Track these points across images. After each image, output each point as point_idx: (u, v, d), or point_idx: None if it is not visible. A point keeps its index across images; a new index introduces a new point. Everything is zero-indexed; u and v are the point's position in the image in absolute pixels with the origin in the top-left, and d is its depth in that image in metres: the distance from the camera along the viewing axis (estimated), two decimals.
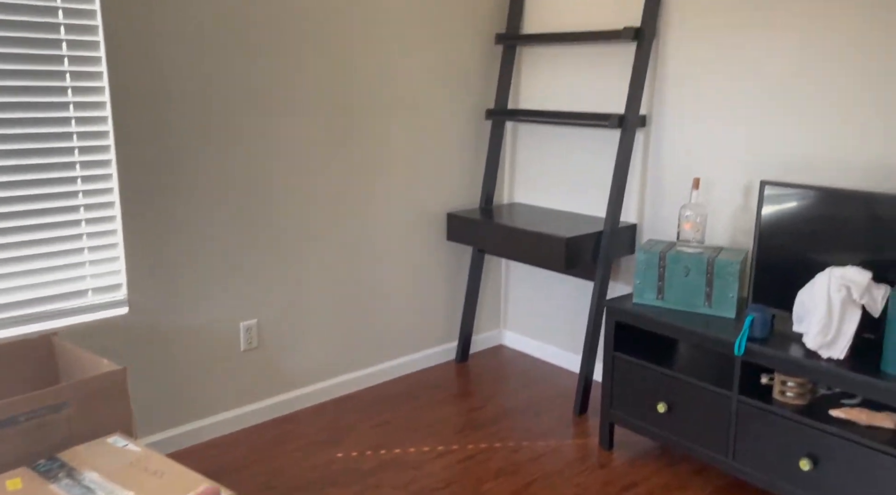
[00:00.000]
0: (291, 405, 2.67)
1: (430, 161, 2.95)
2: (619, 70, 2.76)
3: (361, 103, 2.68)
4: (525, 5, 3.06)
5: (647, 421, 2.31)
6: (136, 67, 2.11)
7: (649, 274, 2.33)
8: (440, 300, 3.12)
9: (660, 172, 2.68)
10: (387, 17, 2.69)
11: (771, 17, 2.30)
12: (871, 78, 2.10)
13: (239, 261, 2.44)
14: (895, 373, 1.78)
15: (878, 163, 2.11)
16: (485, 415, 2.68)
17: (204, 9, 2.22)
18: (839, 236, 2.03)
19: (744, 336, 2.01)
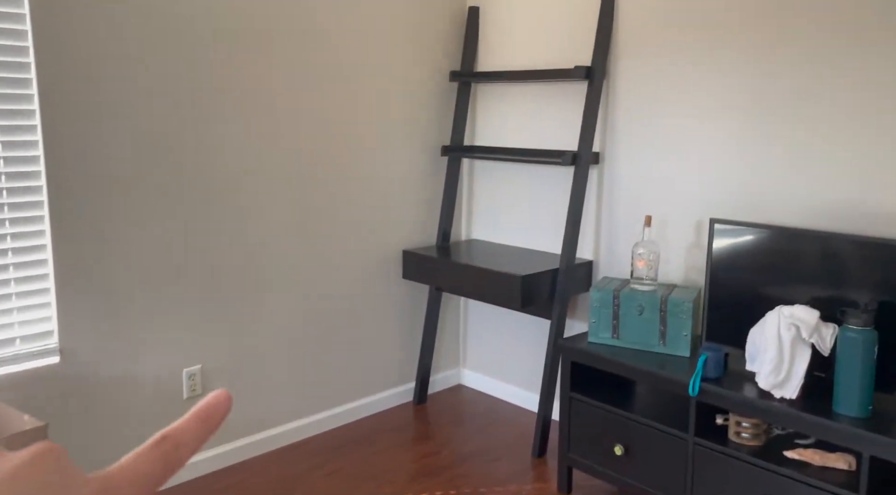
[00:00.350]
0: (239, 454, 2.55)
1: (386, 198, 2.91)
2: (573, 107, 2.77)
3: (314, 139, 2.63)
4: (479, 43, 3.08)
5: (604, 465, 2.25)
6: (72, 117, 2.05)
7: (604, 312, 2.30)
8: (397, 340, 3.04)
9: (614, 209, 2.68)
10: (341, 53, 2.67)
11: (720, 59, 2.33)
12: (817, 120, 2.13)
13: (181, 304, 2.35)
14: (847, 414, 1.77)
15: (825, 201, 2.13)
16: (442, 460, 2.60)
17: (142, 45, 2.17)
18: (788, 274, 2.03)
19: (697, 376, 1.98)
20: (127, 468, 0.29)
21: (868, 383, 1.75)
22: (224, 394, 0.33)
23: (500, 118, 3.04)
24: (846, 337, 1.76)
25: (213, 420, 0.32)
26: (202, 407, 0.32)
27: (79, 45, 2.03)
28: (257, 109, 2.46)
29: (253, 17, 2.40)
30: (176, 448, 0.30)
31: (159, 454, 0.30)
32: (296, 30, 2.52)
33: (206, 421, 0.32)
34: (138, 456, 0.30)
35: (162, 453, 0.30)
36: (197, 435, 0.31)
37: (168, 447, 0.30)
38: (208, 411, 0.32)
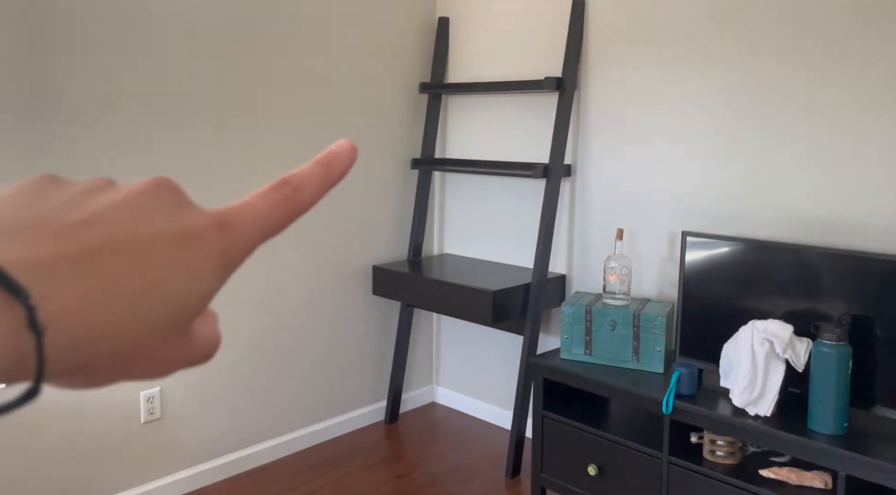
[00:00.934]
0: (201, 480, 2.45)
1: (355, 212, 2.84)
2: (545, 119, 2.74)
3: (280, 153, 2.56)
4: (449, 54, 3.04)
5: (578, 485, 2.19)
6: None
7: (576, 328, 2.25)
8: (367, 357, 2.96)
9: (587, 222, 2.64)
10: (307, 64, 2.61)
11: (692, 69, 2.31)
12: (792, 132, 2.11)
13: None
14: (822, 431, 1.73)
15: (800, 214, 2.10)
16: (413, 483, 2.52)
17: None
18: (762, 287, 1.99)
19: (671, 393, 1.93)
20: (246, 207, 0.27)
21: (843, 399, 1.71)
22: (348, 143, 0.31)
23: (472, 130, 2.99)
24: (820, 352, 1.72)
25: (336, 167, 0.30)
26: (324, 153, 0.31)
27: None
28: (217, 121, 2.38)
29: (217, 29, 2.33)
30: (297, 190, 0.29)
31: (280, 196, 0.28)
32: (261, 41, 2.46)
33: (328, 167, 0.30)
34: (257, 196, 0.28)
35: (283, 195, 0.28)
36: (319, 179, 0.30)
37: (288, 190, 0.28)
38: (330, 157, 0.30)
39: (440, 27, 3.01)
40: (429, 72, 3.05)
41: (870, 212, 1.96)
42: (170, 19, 2.22)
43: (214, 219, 0.26)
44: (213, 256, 0.25)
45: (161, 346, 0.24)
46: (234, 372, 2.52)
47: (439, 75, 3.01)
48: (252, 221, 0.27)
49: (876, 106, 1.94)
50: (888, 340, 1.76)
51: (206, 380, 2.44)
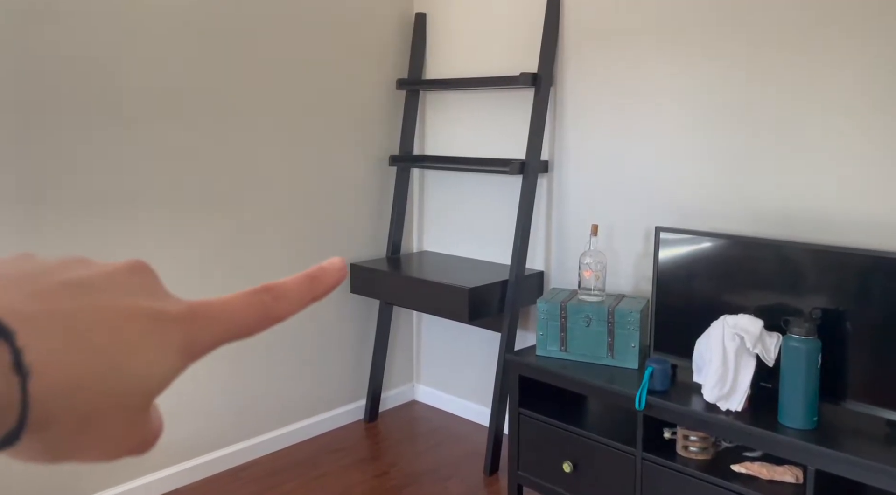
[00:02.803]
0: (178, 480, 2.43)
1: (333, 210, 2.82)
2: (522, 115, 2.72)
3: (255, 151, 2.54)
4: (427, 50, 3.02)
5: (554, 482, 2.18)
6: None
7: (551, 324, 2.24)
8: (346, 356, 2.95)
9: (563, 218, 2.63)
10: (283, 61, 2.58)
11: (668, 65, 2.30)
12: (767, 127, 2.10)
13: None
14: (792, 426, 1.72)
15: (774, 209, 2.10)
16: (391, 482, 2.50)
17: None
18: (735, 282, 1.99)
19: (643, 389, 1.93)
20: (220, 305, 0.27)
21: (812, 394, 1.70)
22: (340, 261, 0.31)
23: (450, 127, 2.97)
24: (789, 346, 1.72)
25: (323, 283, 0.31)
26: (315, 267, 0.31)
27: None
28: (194, 121, 2.35)
29: (190, 27, 2.30)
30: (276, 299, 0.29)
31: (257, 301, 0.28)
32: (234, 39, 2.43)
33: (313, 281, 0.30)
34: (235, 297, 0.28)
35: (261, 301, 0.28)
36: (301, 293, 0.30)
37: (268, 297, 0.29)
38: (320, 272, 0.31)
39: (417, 23, 2.99)
40: (406, 68, 3.03)
41: (841, 207, 1.96)
42: (143, 17, 2.19)
43: (187, 308, 0.26)
44: (177, 343, 0.25)
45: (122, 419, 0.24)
46: (210, 372, 2.49)
47: (417, 71, 2.99)
48: (223, 320, 0.27)
49: (851, 102, 1.93)
50: (858, 335, 1.76)
51: (182, 380, 2.41)
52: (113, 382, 0.23)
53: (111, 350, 0.23)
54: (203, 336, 0.26)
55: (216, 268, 2.47)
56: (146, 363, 0.24)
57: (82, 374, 0.22)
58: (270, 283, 0.29)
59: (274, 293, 0.29)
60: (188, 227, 2.38)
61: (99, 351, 0.23)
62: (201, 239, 2.42)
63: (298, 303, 0.30)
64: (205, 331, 0.26)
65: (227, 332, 0.27)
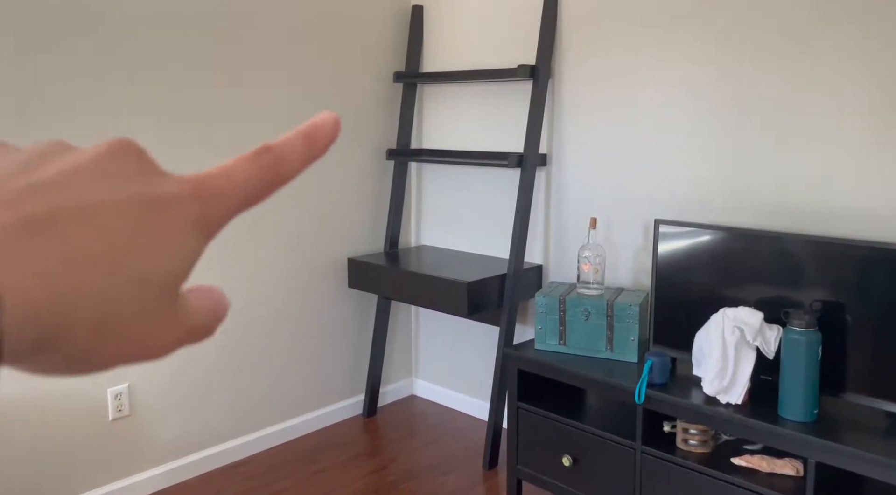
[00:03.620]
0: (173, 477, 2.41)
1: (330, 204, 2.80)
2: (520, 108, 2.71)
3: (251, 144, 2.52)
4: (424, 43, 3.00)
5: (553, 476, 2.17)
6: None
7: (550, 318, 2.23)
8: (344, 351, 2.93)
9: (563, 212, 2.61)
10: (279, 54, 2.56)
11: (667, 57, 2.28)
12: (763, 119, 2.09)
13: None
14: (792, 419, 1.71)
15: (771, 201, 2.08)
16: (390, 477, 2.49)
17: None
18: (735, 275, 1.97)
19: (643, 383, 1.92)
20: (223, 173, 0.25)
21: (813, 386, 1.69)
22: (332, 115, 0.29)
23: (447, 120, 2.96)
24: (789, 339, 1.71)
25: (320, 139, 0.28)
26: (307, 124, 0.28)
27: None
28: (188, 113, 2.33)
29: (186, 22, 2.28)
30: (279, 161, 0.27)
31: (261, 164, 0.26)
32: (231, 33, 2.41)
33: (311, 138, 0.28)
34: (237, 162, 0.26)
35: (263, 163, 0.26)
36: (302, 151, 0.28)
37: (270, 158, 0.27)
38: (314, 129, 0.28)
39: (414, 15, 2.97)
40: (403, 61, 3.01)
41: (840, 198, 1.95)
42: (139, 14, 2.17)
43: (189, 185, 0.24)
44: (189, 222, 0.24)
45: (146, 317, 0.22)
46: (207, 367, 2.48)
47: (414, 64, 2.97)
48: (230, 188, 0.25)
49: (850, 94, 1.92)
50: (859, 327, 1.75)
51: (177, 376, 2.41)
52: (117, 285, 0.21)
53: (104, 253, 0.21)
54: (214, 210, 0.25)
55: (211, 262, 2.45)
56: (153, 255, 0.22)
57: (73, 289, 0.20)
58: (269, 143, 0.27)
59: (276, 153, 0.27)
60: None
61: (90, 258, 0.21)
62: None
63: (301, 162, 0.28)
64: (214, 204, 0.25)
65: (237, 201, 0.26)
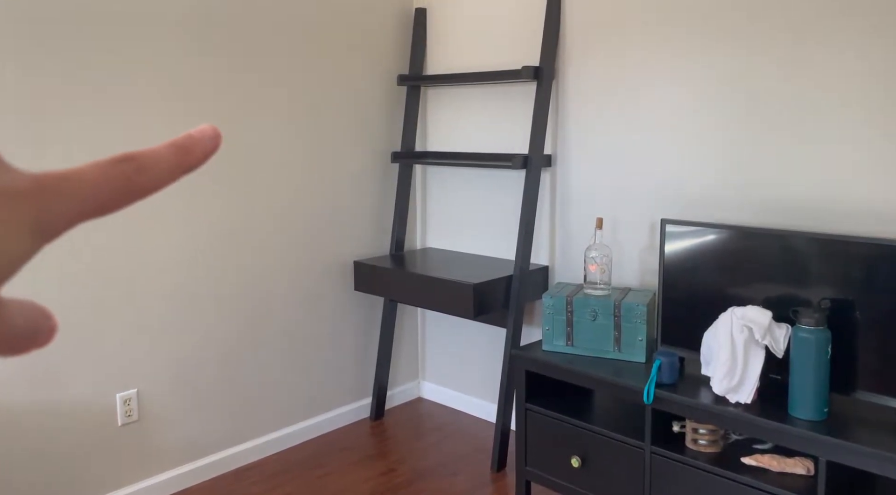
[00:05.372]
0: (181, 482, 2.42)
1: (335, 207, 2.80)
2: (524, 109, 2.71)
3: (257, 148, 2.52)
4: (428, 46, 3.00)
5: (562, 478, 2.17)
6: None
7: (557, 319, 2.23)
8: (351, 354, 2.93)
9: (568, 212, 2.61)
10: (283, 58, 2.56)
11: (671, 56, 2.28)
12: (769, 118, 2.08)
13: (111, 323, 2.21)
14: (802, 417, 1.71)
15: (777, 199, 2.08)
16: (397, 479, 2.49)
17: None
18: (742, 274, 1.97)
19: (651, 383, 1.91)
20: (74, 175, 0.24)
21: (823, 385, 1.69)
22: (212, 128, 0.28)
23: (452, 122, 2.96)
24: (799, 337, 1.70)
25: (193, 153, 0.27)
26: (182, 136, 0.27)
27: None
28: (193, 116, 2.34)
29: (190, 19, 2.29)
30: (139, 171, 0.25)
31: (118, 172, 0.25)
32: (233, 33, 2.42)
33: (183, 152, 0.27)
34: (93, 166, 0.25)
35: (121, 172, 0.25)
36: (169, 164, 0.26)
37: (130, 167, 0.25)
38: (189, 140, 0.27)
39: (417, 18, 2.97)
40: (407, 63, 3.02)
41: (848, 195, 1.94)
42: (145, 16, 2.18)
43: (32, 181, 0.23)
44: (24, 221, 0.23)
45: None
46: (214, 372, 2.48)
47: (417, 67, 2.97)
48: (78, 194, 0.24)
49: (857, 91, 1.91)
50: (868, 324, 1.74)
51: (185, 380, 2.41)
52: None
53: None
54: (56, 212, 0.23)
55: (217, 267, 2.46)
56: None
57: None
58: (132, 152, 0.26)
59: (137, 163, 0.25)
60: (187, 226, 2.37)
61: None
62: (201, 237, 2.40)
63: (167, 175, 0.26)
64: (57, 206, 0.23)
65: (84, 208, 0.24)
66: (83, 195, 0.24)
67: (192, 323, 2.40)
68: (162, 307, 2.32)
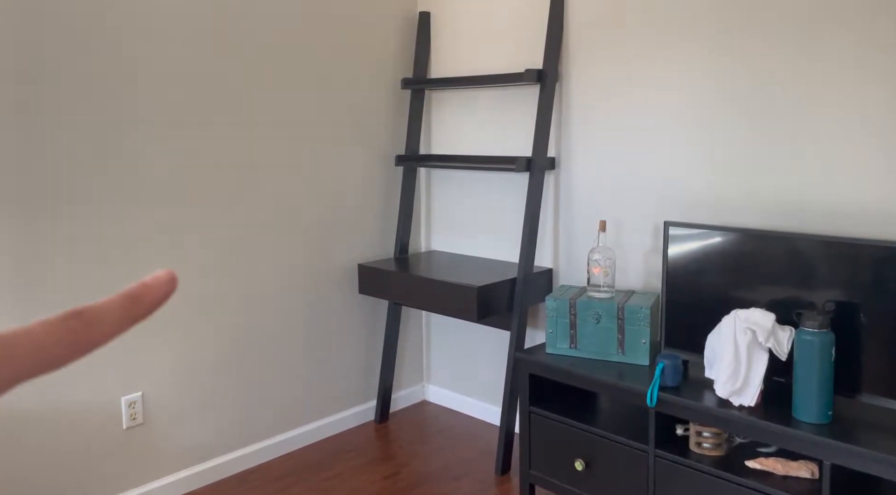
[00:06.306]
0: (186, 485, 2.42)
1: (339, 211, 2.81)
2: (528, 112, 2.71)
3: (261, 151, 2.54)
4: (432, 49, 3.01)
5: (566, 481, 2.16)
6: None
7: (561, 322, 2.23)
8: (355, 357, 2.94)
9: (572, 215, 2.61)
10: (287, 62, 2.58)
11: (675, 58, 2.28)
12: (773, 120, 2.08)
13: None
14: (806, 420, 1.70)
15: (781, 202, 2.07)
16: (402, 483, 2.49)
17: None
18: (746, 276, 1.96)
19: (655, 386, 1.91)
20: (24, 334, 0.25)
21: (827, 387, 1.68)
22: (167, 274, 0.28)
23: (455, 125, 2.96)
24: (802, 340, 1.69)
25: (145, 302, 0.28)
26: (136, 284, 0.28)
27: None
28: (197, 121, 2.36)
29: (195, 28, 2.31)
30: (88, 326, 0.26)
31: (66, 330, 0.26)
32: (237, 38, 2.43)
33: (134, 301, 0.28)
34: (43, 325, 0.25)
35: (69, 330, 0.26)
36: (120, 315, 0.27)
37: (78, 324, 0.26)
38: (141, 290, 0.28)
39: (421, 21, 2.98)
40: (411, 67, 3.03)
41: (852, 198, 1.93)
42: (148, 19, 2.20)
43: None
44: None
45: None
46: (219, 376, 2.49)
47: (421, 70, 2.98)
48: (24, 354, 0.24)
49: (861, 93, 1.91)
50: (872, 327, 1.73)
51: (190, 384, 2.42)
52: None
53: None
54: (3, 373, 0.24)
55: (222, 271, 2.47)
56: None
57: None
58: (81, 307, 0.27)
59: (85, 318, 0.26)
60: (193, 230, 2.38)
61: None
62: (206, 241, 2.42)
63: (117, 326, 0.27)
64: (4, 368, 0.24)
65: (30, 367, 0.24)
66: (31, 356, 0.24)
67: (197, 326, 2.42)
68: (167, 310, 2.33)
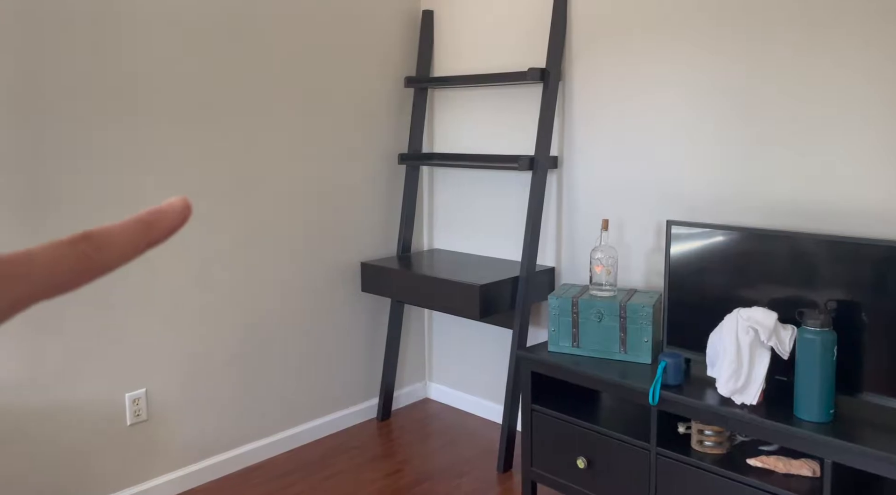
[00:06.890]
0: (189, 481, 2.44)
1: (342, 209, 2.82)
2: (531, 111, 2.71)
3: (264, 150, 2.54)
4: (435, 48, 3.01)
5: (568, 479, 2.17)
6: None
7: (563, 320, 2.23)
8: (358, 355, 2.95)
9: (574, 214, 2.61)
10: (291, 60, 2.59)
11: (676, 58, 2.28)
12: (775, 120, 2.08)
13: (120, 323, 2.24)
14: (808, 419, 1.70)
15: (783, 201, 2.07)
16: (404, 480, 2.50)
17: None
18: (748, 275, 1.97)
19: (657, 384, 1.91)
20: (33, 256, 0.24)
21: (828, 386, 1.68)
22: (182, 200, 0.28)
23: (458, 124, 2.97)
24: (804, 338, 1.70)
25: (159, 227, 0.27)
26: (149, 210, 0.27)
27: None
28: (200, 120, 2.36)
29: (199, 28, 2.32)
30: (98, 249, 0.25)
31: (76, 253, 0.25)
32: (241, 36, 2.44)
33: (147, 226, 0.27)
34: (52, 247, 0.25)
35: (79, 252, 0.25)
36: (132, 239, 0.26)
37: (88, 247, 0.25)
38: (155, 215, 0.27)
39: (424, 20, 2.99)
40: (414, 65, 3.03)
41: (854, 197, 1.93)
42: (152, 18, 2.20)
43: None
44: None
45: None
46: (222, 372, 2.50)
47: (425, 69, 2.99)
48: (32, 275, 0.24)
49: (863, 92, 1.91)
50: (874, 325, 1.74)
51: (193, 381, 2.43)
52: None
53: None
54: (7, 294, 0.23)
55: (225, 269, 2.48)
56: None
57: None
58: (92, 230, 0.26)
59: (96, 241, 0.25)
60: (196, 228, 2.39)
61: None
62: (209, 240, 2.43)
63: (129, 251, 0.26)
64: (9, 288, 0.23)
65: (39, 289, 0.24)
66: (39, 277, 0.24)
67: (200, 323, 2.43)
68: (171, 307, 2.34)
